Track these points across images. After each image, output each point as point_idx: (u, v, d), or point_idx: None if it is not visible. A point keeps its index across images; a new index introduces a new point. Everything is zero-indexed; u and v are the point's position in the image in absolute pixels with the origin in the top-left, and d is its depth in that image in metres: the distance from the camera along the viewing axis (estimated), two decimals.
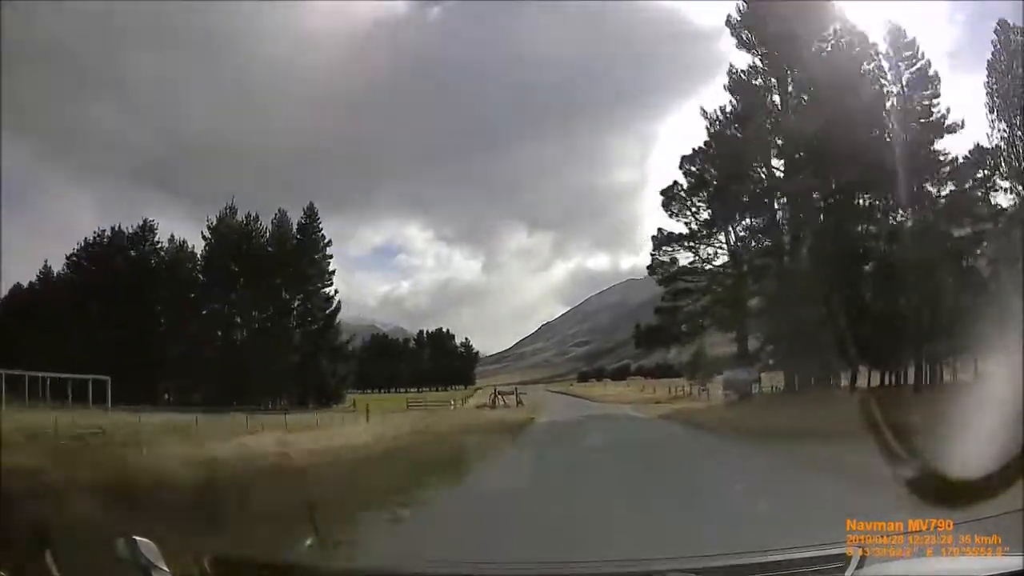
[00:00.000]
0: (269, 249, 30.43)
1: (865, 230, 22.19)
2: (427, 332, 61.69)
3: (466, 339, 68.14)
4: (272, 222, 31.02)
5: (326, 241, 31.27)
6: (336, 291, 31.47)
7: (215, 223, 30.48)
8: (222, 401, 25.36)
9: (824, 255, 20.43)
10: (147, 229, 30.59)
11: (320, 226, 31.20)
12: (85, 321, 27.74)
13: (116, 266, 29.37)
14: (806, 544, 2.66)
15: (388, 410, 24.13)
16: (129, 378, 23.55)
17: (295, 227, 30.99)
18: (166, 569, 1.89)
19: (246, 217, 30.80)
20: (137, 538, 1.91)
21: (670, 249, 24.87)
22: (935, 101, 22.19)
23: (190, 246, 30.77)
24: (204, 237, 30.45)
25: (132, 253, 30.38)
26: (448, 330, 62.55)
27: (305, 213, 31.26)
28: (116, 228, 30.36)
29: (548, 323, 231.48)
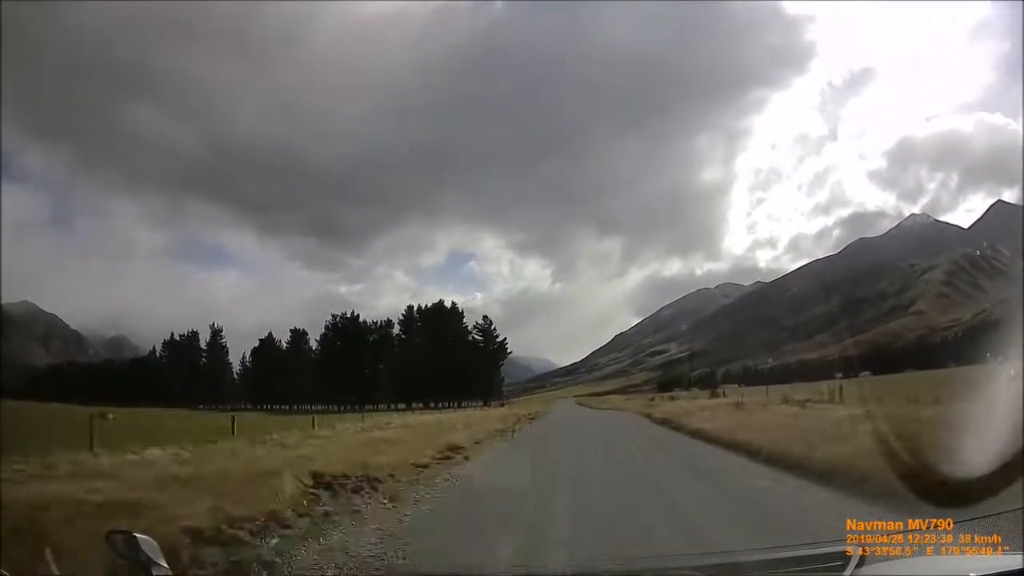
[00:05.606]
0: None
1: None
2: (419, 308, 43.07)
3: (485, 317, 48.27)
4: None
5: None
6: None
7: None
8: None
9: None
10: None
11: None
12: None
13: None
14: (806, 543, 2.68)
15: None
16: None
17: None
18: (166, 566, 1.84)
19: None
20: (137, 535, 1.86)
21: None
22: None
23: None
24: None
25: None
26: (456, 304, 45.05)
27: None
28: None
29: (622, 333, 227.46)
